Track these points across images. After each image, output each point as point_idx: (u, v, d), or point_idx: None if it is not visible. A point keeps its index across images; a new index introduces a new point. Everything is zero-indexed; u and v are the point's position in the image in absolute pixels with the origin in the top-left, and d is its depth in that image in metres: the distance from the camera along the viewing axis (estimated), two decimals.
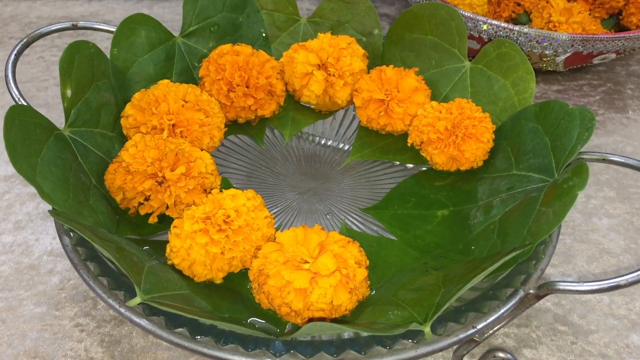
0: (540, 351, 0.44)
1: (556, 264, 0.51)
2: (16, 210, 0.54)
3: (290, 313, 0.36)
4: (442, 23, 0.53)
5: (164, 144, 0.43)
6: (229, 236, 0.38)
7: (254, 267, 0.38)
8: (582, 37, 0.64)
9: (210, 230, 0.38)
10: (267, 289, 0.36)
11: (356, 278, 0.37)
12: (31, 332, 0.44)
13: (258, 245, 0.40)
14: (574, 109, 0.43)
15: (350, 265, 0.37)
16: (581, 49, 0.66)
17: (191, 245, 0.38)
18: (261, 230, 0.40)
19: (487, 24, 0.65)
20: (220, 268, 0.39)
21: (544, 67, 0.71)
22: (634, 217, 0.56)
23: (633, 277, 0.35)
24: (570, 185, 0.39)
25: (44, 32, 0.50)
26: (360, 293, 0.38)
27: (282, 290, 0.36)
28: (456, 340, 0.35)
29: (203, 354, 0.34)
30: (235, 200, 0.40)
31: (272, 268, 0.36)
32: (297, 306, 0.35)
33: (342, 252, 0.38)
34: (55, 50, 0.78)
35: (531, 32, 0.64)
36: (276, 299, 0.36)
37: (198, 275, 0.39)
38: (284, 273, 0.36)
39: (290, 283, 0.35)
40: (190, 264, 0.39)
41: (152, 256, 0.40)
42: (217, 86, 0.51)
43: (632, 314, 0.47)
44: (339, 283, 0.36)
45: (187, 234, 0.38)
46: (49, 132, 0.41)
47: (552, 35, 0.64)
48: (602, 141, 0.66)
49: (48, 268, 0.49)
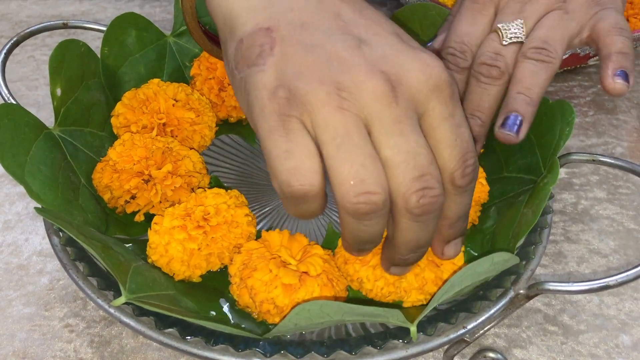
0: (530, 351, 0.44)
1: (546, 265, 0.51)
2: (5, 210, 0.54)
3: (271, 310, 0.35)
4: (434, 24, 0.53)
5: (152, 142, 0.43)
6: (207, 232, 0.38)
7: (236, 262, 0.38)
8: None
9: (188, 227, 0.38)
10: (251, 282, 0.36)
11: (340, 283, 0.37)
12: (20, 333, 0.44)
13: (238, 243, 0.40)
14: (553, 104, 0.43)
15: (335, 273, 0.38)
16: (578, 51, 0.66)
17: (169, 241, 0.38)
18: (240, 227, 0.40)
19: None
20: (197, 265, 0.39)
21: None
22: (624, 218, 0.56)
23: (622, 277, 0.35)
24: (545, 183, 0.39)
25: (34, 31, 0.49)
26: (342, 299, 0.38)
27: (269, 284, 0.35)
28: (446, 340, 0.35)
29: (193, 354, 0.34)
30: (217, 199, 0.40)
31: (260, 262, 0.36)
32: (283, 302, 0.35)
33: (327, 259, 0.38)
34: (46, 49, 0.78)
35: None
36: (260, 293, 0.35)
37: (177, 272, 0.39)
38: (272, 267, 0.36)
39: (279, 278, 0.35)
40: (169, 261, 0.38)
41: (139, 256, 0.40)
42: (209, 85, 0.51)
43: (622, 314, 0.47)
44: (325, 284, 0.36)
45: (166, 230, 0.38)
46: (38, 131, 0.41)
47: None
48: (592, 142, 0.66)
49: (37, 268, 0.49)
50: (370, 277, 0.37)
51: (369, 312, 0.33)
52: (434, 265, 0.37)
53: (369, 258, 0.37)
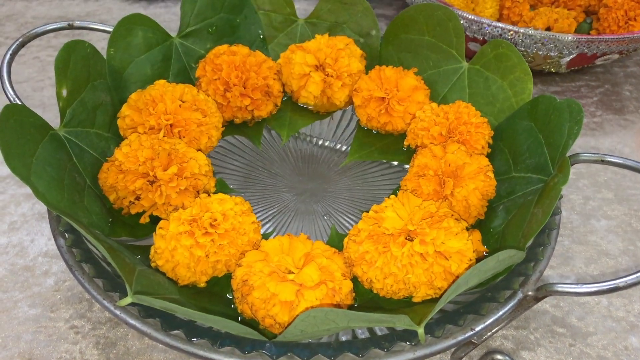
0: (538, 353, 0.44)
1: (554, 266, 0.51)
2: (11, 211, 0.54)
3: (275, 325, 0.35)
4: (440, 24, 0.53)
5: (158, 143, 0.43)
6: (215, 240, 0.38)
7: (237, 276, 0.37)
8: (587, 38, 0.64)
9: (196, 233, 0.38)
10: (251, 300, 0.36)
11: (342, 291, 0.37)
12: (26, 334, 0.44)
13: (244, 250, 0.39)
14: (561, 103, 0.43)
15: (337, 278, 0.37)
16: (585, 50, 0.66)
17: (176, 247, 0.38)
18: (247, 235, 0.39)
19: (492, 27, 0.65)
20: (204, 271, 0.39)
21: (546, 69, 0.71)
22: (632, 218, 0.56)
23: (632, 279, 0.34)
24: (555, 182, 0.39)
25: (39, 32, 0.50)
26: (346, 306, 0.37)
27: (267, 302, 0.35)
28: (454, 342, 0.35)
29: (199, 356, 0.34)
30: (223, 205, 0.40)
31: (257, 279, 0.36)
32: (282, 319, 0.35)
33: (329, 264, 0.37)
34: (51, 50, 0.78)
35: (536, 34, 0.64)
36: (260, 310, 0.35)
37: (181, 277, 0.38)
38: (269, 285, 0.35)
39: (276, 295, 0.35)
40: (174, 266, 0.38)
41: (142, 262, 0.40)
42: (214, 86, 0.51)
43: (631, 316, 0.47)
44: (325, 296, 0.35)
45: (172, 235, 0.38)
46: (44, 132, 0.41)
47: (557, 37, 0.64)
48: (600, 142, 0.66)
49: (43, 269, 0.49)
50: (379, 277, 0.37)
51: (375, 318, 0.33)
52: (442, 257, 0.37)
53: (375, 259, 0.37)
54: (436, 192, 0.43)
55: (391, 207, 0.39)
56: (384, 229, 0.38)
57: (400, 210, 0.39)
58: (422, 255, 0.37)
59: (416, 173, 0.45)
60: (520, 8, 0.77)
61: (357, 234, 0.39)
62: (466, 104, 0.49)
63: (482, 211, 0.44)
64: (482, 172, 0.43)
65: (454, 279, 0.37)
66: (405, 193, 0.41)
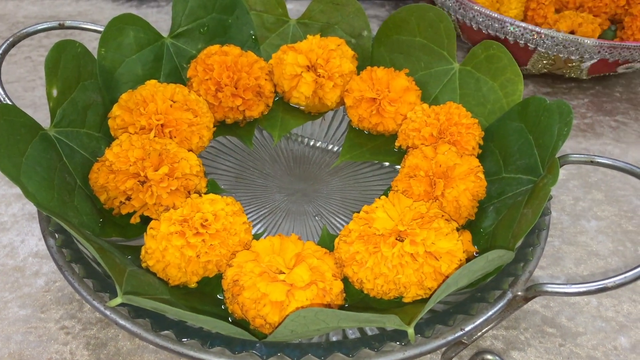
0: (528, 353, 0.44)
1: (544, 266, 0.51)
2: (1, 211, 0.54)
3: (265, 325, 0.35)
4: (431, 25, 0.53)
5: (149, 143, 0.43)
6: (206, 240, 0.38)
7: (227, 277, 0.37)
8: (610, 43, 0.64)
9: (187, 233, 0.38)
10: (241, 300, 0.36)
11: (333, 291, 0.37)
12: (16, 335, 0.43)
13: (234, 250, 0.39)
14: (551, 104, 0.43)
15: (327, 278, 0.37)
16: (607, 56, 0.65)
17: (166, 247, 0.38)
18: (238, 235, 0.40)
19: (515, 26, 0.65)
20: (194, 272, 0.39)
21: (567, 73, 0.70)
22: (622, 219, 0.56)
23: (620, 279, 0.35)
24: (545, 183, 0.39)
25: (30, 32, 0.49)
26: (336, 306, 0.37)
27: (258, 302, 0.35)
28: (444, 342, 0.35)
29: (189, 356, 0.34)
30: (214, 205, 0.40)
31: (248, 280, 0.36)
32: (273, 319, 0.35)
33: (319, 264, 0.37)
34: (43, 50, 0.77)
35: (558, 36, 0.64)
36: (251, 310, 0.35)
37: (172, 278, 0.38)
38: (259, 285, 0.35)
39: (266, 296, 0.35)
40: (165, 267, 0.38)
41: (133, 263, 0.40)
42: (205, 86, 0.50)
43: (620, 316, 0.47)
44: (315, 297, 0.35)
45: (163, 235, 0.38)
46: (34, 132, 0.41)
47: (579, 41, 0.64)
48: (591, 143, 0.66)
49: (33, 270, 0.48)
50: (370, 277, 0.37)
51: (365, 318, 0.33)
52: (432, 258, 0.37)
53: (366, 259, 0.37)
54: (427, 192, 0.43)
55: (382, 207, 0.39)
56: (374, 230, 0.38)
57: (390, 211, 0.39)
58: (412, 255, 0.37)
59: (407, 174, 0.45)
60: (545, 10, 0.77)
61: (347, 234, 0.39)
62: (457, 105, 0.49)
63: (472, 212, 0.44)
64: (473, 173, 0.44)
65: (444, 279, 0.37)
66: (396, 194, 0.41)
